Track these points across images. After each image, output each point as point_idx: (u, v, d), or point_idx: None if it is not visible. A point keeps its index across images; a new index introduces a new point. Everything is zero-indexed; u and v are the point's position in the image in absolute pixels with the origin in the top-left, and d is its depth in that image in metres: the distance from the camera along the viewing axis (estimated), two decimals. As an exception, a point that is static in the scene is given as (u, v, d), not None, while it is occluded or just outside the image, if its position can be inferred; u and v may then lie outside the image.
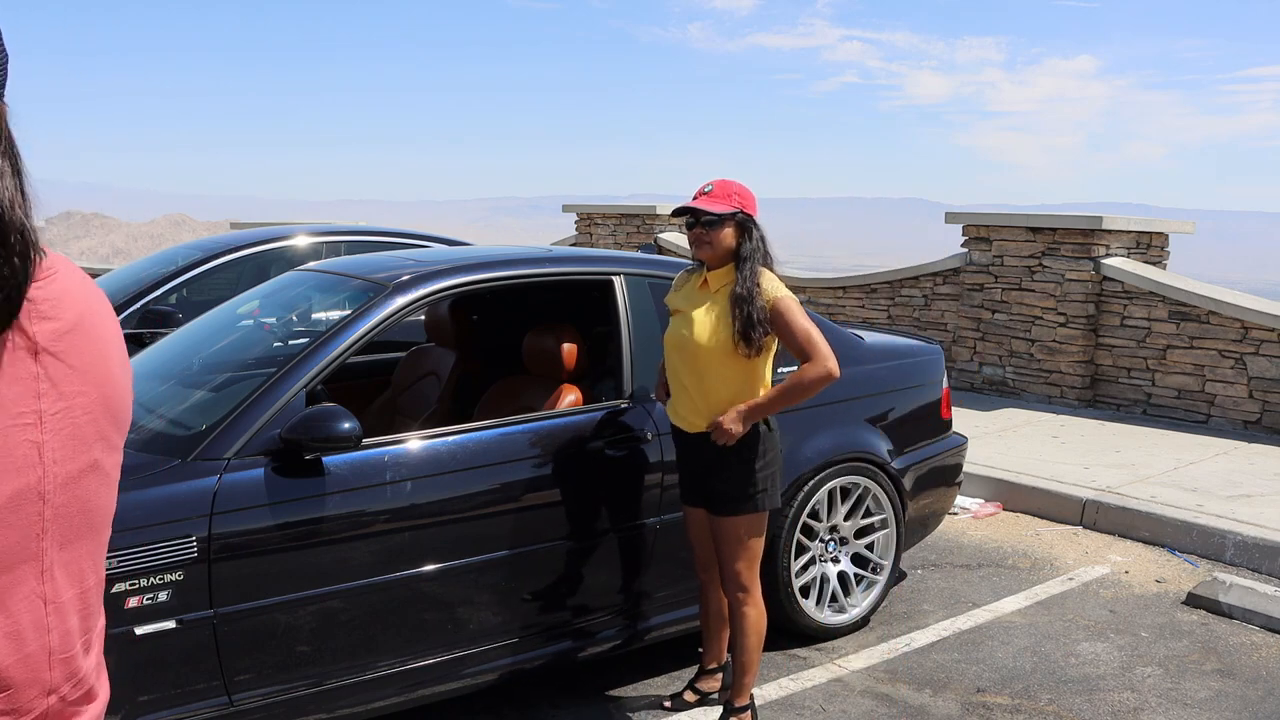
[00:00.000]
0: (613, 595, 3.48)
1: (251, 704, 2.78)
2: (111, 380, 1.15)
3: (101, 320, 1.17)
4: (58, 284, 1.12)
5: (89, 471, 1.12)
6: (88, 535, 1.14)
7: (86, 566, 1.15)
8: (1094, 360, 8.13)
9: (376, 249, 6.25)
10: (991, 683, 3.71)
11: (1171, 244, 8.66)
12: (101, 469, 1.14)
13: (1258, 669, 3.85)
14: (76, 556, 1.12)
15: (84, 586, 1.15)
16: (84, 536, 1.13)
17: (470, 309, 4.22)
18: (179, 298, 5.90)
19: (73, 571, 1.12)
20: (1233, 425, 7.35)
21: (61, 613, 1.10)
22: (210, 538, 2.65)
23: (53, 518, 1.07)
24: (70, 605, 1.12)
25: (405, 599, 3.00)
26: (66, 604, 1.11)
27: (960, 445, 4.61)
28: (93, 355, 1.12)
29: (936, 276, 9.22)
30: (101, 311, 1.17)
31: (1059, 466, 6.18)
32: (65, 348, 1.10)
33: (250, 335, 3.82)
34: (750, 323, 3.02)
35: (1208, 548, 5.06)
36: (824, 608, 3.99)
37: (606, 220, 13.22)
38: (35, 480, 1.04)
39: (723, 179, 3.18)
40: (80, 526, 1.12)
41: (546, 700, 3.50)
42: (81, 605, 1.14)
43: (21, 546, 1.05)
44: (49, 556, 1.08)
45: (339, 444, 2.81)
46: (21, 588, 1.05)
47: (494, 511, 3.17)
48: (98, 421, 1.12)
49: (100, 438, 1.13)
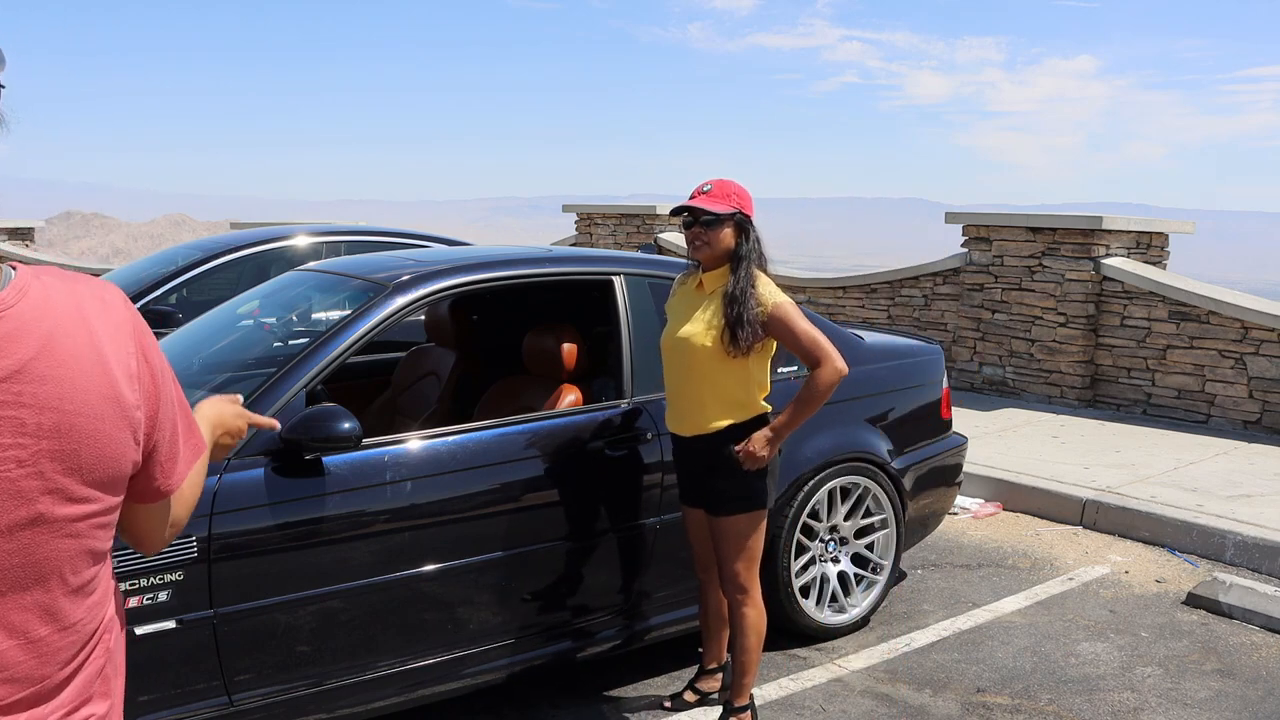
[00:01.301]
0: (612, 595, 3.47)
1: (251, 704, 2.78)
2: (70, 431, 1.06)
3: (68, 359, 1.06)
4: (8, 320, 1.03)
5: (29, 525, 1.05)
6: (34, 586, 1.07)
7: (31, 617, 1.08)
8: (1094, 360, 8.13)
9: (376, 249, 6.25)
10: (991, 683, 3.71)
11: (1171, 244, 8.66)
12: (50, 521, 1.06)
13: (1258, 669, 3.85)
14: (15, 607, 1.06)
15: (30, 638, 1.08)
16: (26, 588, 1.07)
17: (470, 309, 4.22)
18: (179, 298, 5.90)
19: (12, 621, 1.06)
20: (1233, 425, 7.35)
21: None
22: (210, 538, 2.65)
23: None
24: (9, 655, 1.06)
25: (405, 599, 3.00)
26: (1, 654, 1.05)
27: (960, 445, 4.61)
28: (40, 403, 1.04)
29: (936, 276, 9.22)
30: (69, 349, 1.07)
31: (1059, 466, 6.18)
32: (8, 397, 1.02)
33: (250, 335, 3.82)
34: (740, 322, 3.01)
35: (1208, 548, 5.06)
36: (824, 608, 3.99)
37: (606, 220, 13.22)
38: None
39: (721, 179, 3.16)
40: (22, 578, 1.06)
41: (546, 700, 3.50)
42: (30, 654, 1.08)
43: None
44: None
45: (339, 444, 2.81)
46: None
47: (494, 511, 3.17)
48: (44, 475, 1.05)
49: (48, 491, 1.06)
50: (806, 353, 3.05)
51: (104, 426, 1.10)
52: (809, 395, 3.04)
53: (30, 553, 1.06)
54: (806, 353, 3.05)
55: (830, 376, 3.02)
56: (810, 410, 3.06)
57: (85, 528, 1.11)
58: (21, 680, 1.08)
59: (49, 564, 1.08)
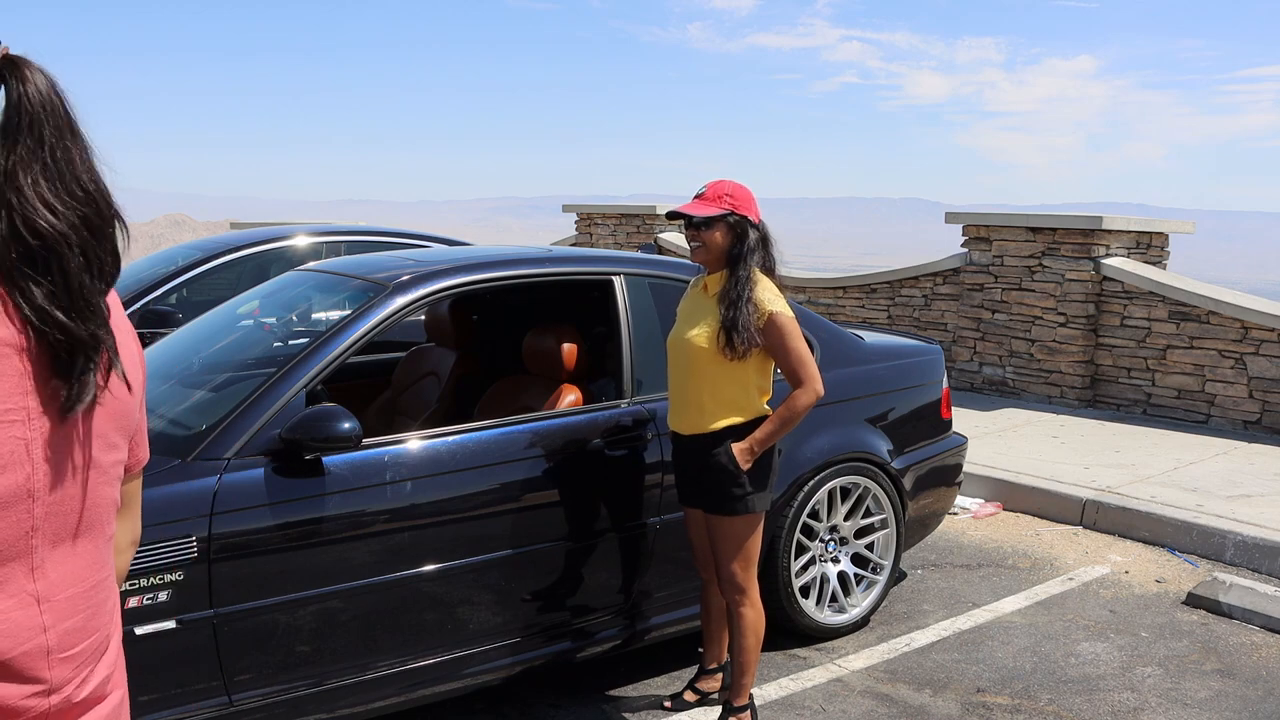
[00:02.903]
0: (613, 595, 3.47)
1: (251, 704, 2.78)
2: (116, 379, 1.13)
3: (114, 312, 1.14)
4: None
5: (86, 469, 1.10)
6: (85, 533, 1.12)
7: (87, 564, 1.13)
8: (1094, 360, 8.13)
9: (376, 249, 6.25)
10: (991, 683, 3.71)
11: (1171, 244, 8.67)
12: (98, 466, 1.12)
13: (1258, 669, 3.85)
14: (72, 554, 1.11)
15: (86, 585, 1.12)
16: (80, 534, 1.11)
17: (470, 309, 4.22)
18: (179, 298, 5.90)
19: (69, 569, 1.10)
20: (1233, 425, 7.35)
21: (58, 612, 1.08)
22: (210, 538, 2.65)
23: (44, 515, 1.06)
24: (70, 604, 1.10)
25: (405, 599, 3.00)
26: (64, 603, 1.09)
27: (960, 445, 4.61)
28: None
29: (936, 276, 9.22)
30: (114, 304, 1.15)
31: (1059, 466, 6.18)
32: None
33: (250, 335, 3.82)
34: (734, 324, 3.01)
35: (1208, 548, 5.06)
36: (824, 608, 3.99)
37: (606, 220, 13.22)
38: (24, 478, 1.03)
39: (718, 180, 3.16)
40: (75, 524, 1.10)
41: (546, 700, 3.49)
42: (87, 604, 1.12)
43: (10, 544, 1.03)
44: (40, 554, 1.06)
45: (339, 444, 2.81)
46: (10, 585, 1.04)
47: (494, 511, 3.17)
48: (95, 420, 1.11)
49: (97, 435, 1.11)
50: (791, 370, 3.08)
51: (136, 381, 1.18)
52: (787, 414, 3.08)
53: (86, 497, 1.11)
54: (791, 370, 3.08)
55: (808, 399, 3.07)
56: (786, 429, 3.11)
57: (114, 476, 1.17)
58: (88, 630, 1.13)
59: (98, 511, 1.14)
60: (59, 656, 1.08)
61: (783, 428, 3.09)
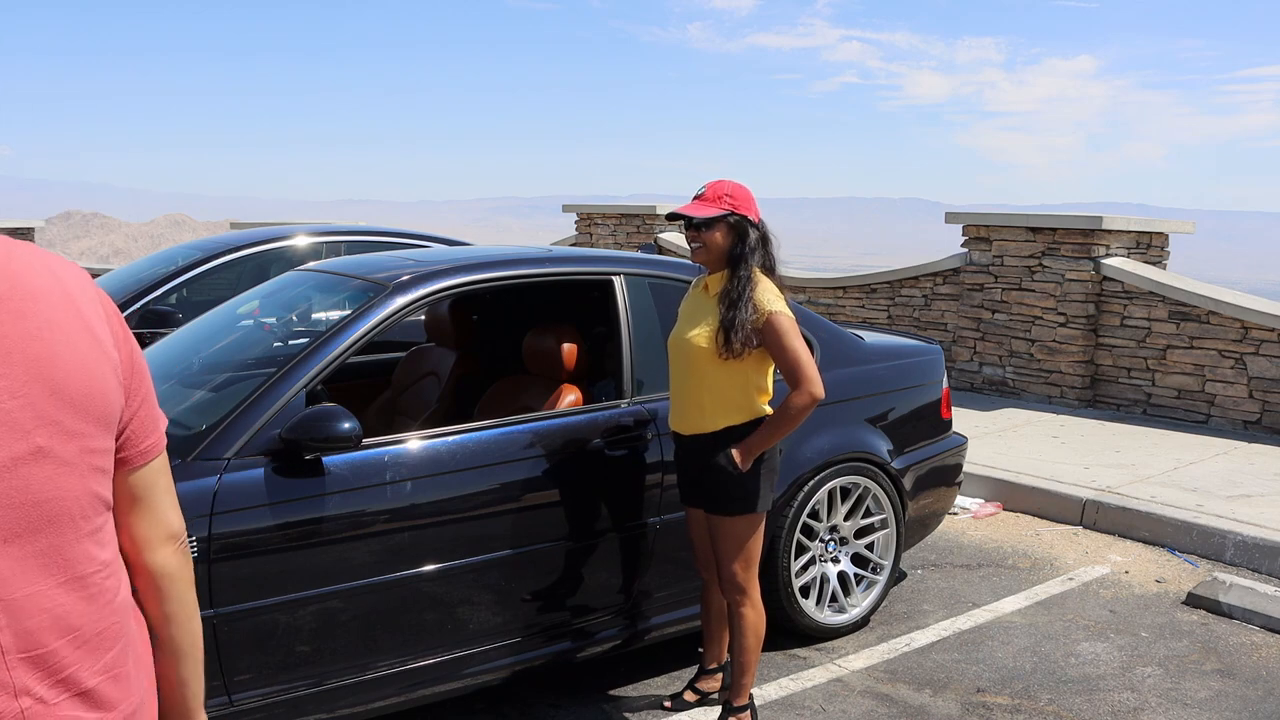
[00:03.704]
0: (613, 595, 3.47)
1: (251, 704, 2.78)
2: (54, 359, 1.07)
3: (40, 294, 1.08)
4: None
5: (30, 460, 1.04)
6: (44, 529, 1.06)
7: (50, 562, 1.07)
8: (1094, 360, 8.13)
9: (376, 249, 6.24)
10: (991, 683, 3.71)
11: (1171, 244, 8.67)
12: (52, 456, 1.06)
13: (1258, 669, 3.85)
14: (31, 552, 1.05)
15: (52, 583, 1.07)
16: (38, 530, 1.05)
17: (470, 309, 4.22)
18: (179, 298, 5.90)
19: (27, 567, 1.04)
20: (1233, 425, 7.35)
21: (13, 611, 1.03)
22: (210, 538, 2.65)
23: None
24: (30, 602, 1.04)
25: (405, 599, 3.00)
26: (20, 601, 1.04)
27: (960, 445, 4.61)
28: (21, 334, 1.05)
29: (936, 276, 9.22)
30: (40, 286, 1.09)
31: (1059, 466, 6.18)
32: None
33: (250, 335, 3.82)
34: (732, 324, 3.01)
35: (1208, 548, 5.06)
36: (824, 608, 3.99)
37: (606, 220, 13.22)
38: None
39: (718, 180, 3.16)
40: (30, 519, 1.05)
41: (546, 700, 3.49)
42: (53, 602, 1.07)
43: None
44: None
45: (339, 444, 2.81)
46: None
47: (494, 511, 3.17)
48: (36, 405, 1.05)
49: (44, 423, 1.05)
50: (788, 371, 3.06)
51: (88, 359, 1.11)
52: (783, 416, 3.06)
53: (33, 491, 1.05)
54: (788, 371, 3.06)
55: (805, 401, 3.04)
56: (783, 431, 3.09)
57: (86, 467, 1.11)
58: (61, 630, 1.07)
59: (58, 504, 1.08)
60: (18, 656, 1.03)
61: (779, 430, 3.08)
